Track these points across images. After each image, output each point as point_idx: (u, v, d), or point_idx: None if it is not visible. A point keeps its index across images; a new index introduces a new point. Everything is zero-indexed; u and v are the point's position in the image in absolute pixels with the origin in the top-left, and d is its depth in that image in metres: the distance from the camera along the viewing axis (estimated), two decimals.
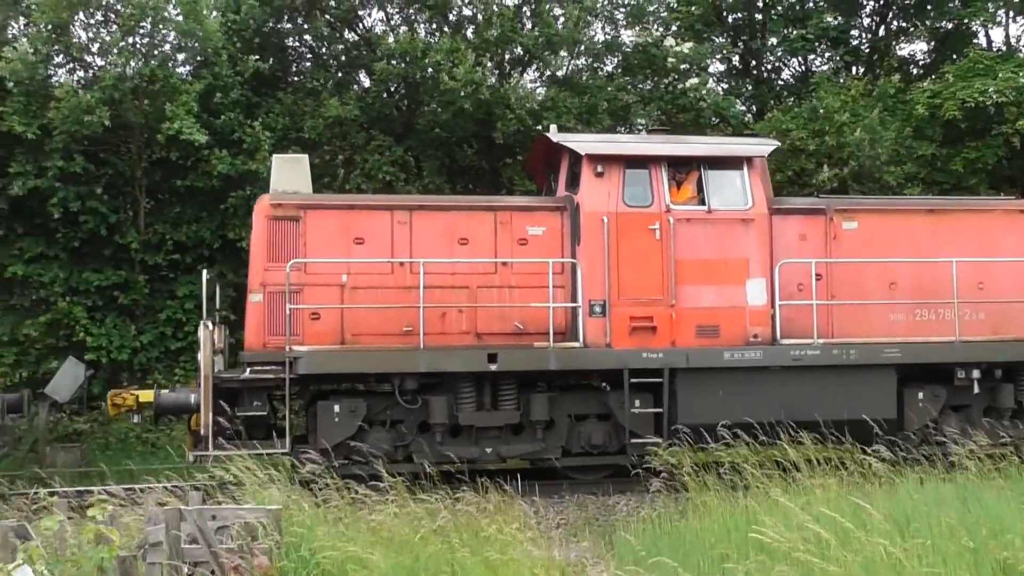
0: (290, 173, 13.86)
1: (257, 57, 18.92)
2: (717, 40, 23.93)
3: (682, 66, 21.56)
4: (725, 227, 13.72)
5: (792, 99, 23.78)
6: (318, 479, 10.29)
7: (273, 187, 13.80)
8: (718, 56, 24.24)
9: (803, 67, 25.58)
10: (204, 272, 13.92)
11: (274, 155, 14.61)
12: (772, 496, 9.25)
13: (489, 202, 14.52)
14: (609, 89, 20.57)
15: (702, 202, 13.78)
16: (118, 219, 18.78)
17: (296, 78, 21.12)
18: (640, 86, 21.70)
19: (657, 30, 22.45)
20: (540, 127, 19.42)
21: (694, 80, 21.56)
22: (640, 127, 21.40)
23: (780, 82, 25.53)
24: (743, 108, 23.47)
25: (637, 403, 13.41)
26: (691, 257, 13.59)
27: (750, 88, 24.48)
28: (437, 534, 8.97)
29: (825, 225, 14.15)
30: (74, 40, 18.37)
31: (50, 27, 17.64)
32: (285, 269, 12.88)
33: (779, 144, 16.40)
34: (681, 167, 13.95)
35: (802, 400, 13.28)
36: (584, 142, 14.27)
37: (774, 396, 13.29)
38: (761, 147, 14.50)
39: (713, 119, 21.83)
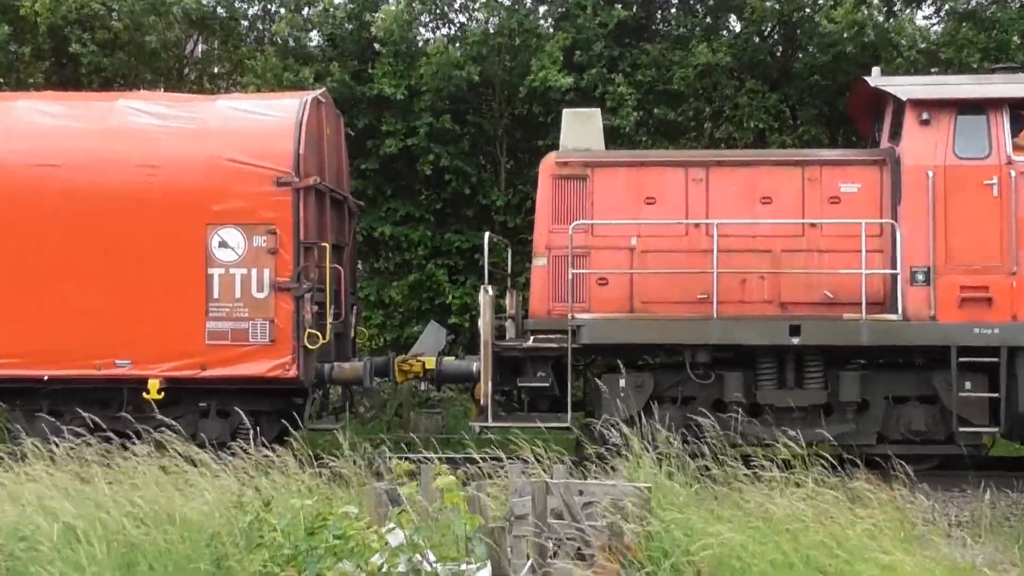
0: (581, 129, 13.27)
1: (620, 5, 18.04)
2: None
3: None
4: None
5: None
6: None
7: (563, 144, 13.24)
8: None
9: None
10: (487, 234, 13.38)
11: (564, 110, 13.93)
12: None
13: (796, 156, 13.40)
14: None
15: None
16: (479, 179, 18.65)
17: (662, 26, 20.07)
18: None
19: None
20: (935, 70, 17.27)
21: None
22: None
23: None
24: None
25: (968, 385, 12.02)
26: None
27: None
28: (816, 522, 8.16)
29: None
30: None
31: None
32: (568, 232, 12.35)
33: None
34: None
35: None
36: (908, 85, 12.74)
37: None
38: None
39: None
